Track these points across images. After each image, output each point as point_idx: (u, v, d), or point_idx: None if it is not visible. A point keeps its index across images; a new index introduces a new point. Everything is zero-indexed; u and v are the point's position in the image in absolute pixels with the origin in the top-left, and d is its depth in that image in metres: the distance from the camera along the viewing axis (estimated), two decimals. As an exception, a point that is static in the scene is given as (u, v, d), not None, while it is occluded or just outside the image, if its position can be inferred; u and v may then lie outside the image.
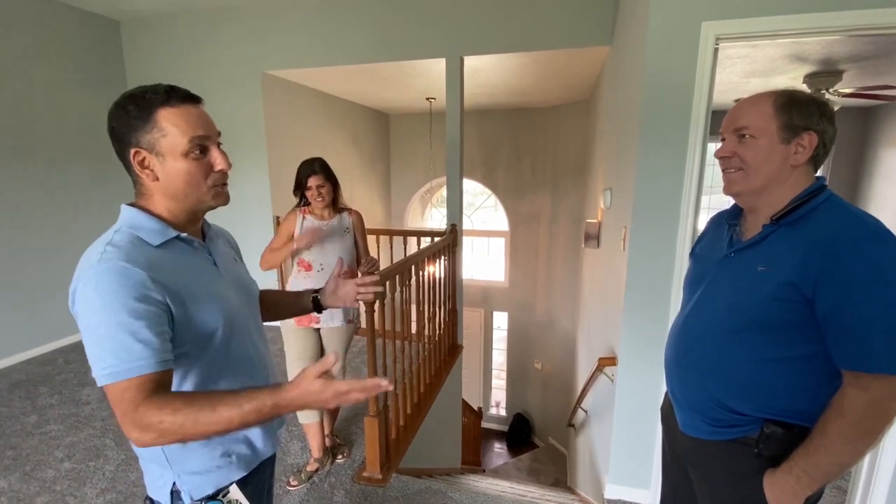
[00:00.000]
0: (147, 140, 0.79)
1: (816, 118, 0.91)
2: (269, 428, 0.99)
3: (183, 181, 0.82)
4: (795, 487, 0.89)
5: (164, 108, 0.79)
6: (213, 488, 0.90)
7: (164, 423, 0.72)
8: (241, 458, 0.93)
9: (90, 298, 0.73)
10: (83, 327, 0.74)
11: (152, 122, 0.79)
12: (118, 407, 0.73)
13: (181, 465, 0.87)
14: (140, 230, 0.81)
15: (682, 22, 1.77)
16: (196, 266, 0.88)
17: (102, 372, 0.72)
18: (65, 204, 3.58)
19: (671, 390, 1.14)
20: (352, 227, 2.15)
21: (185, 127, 0.80)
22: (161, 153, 0.80)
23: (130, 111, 0.79)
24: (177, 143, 0.80)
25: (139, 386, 0.73)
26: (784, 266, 0.88)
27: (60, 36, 3.51)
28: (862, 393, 0.82)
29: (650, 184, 1.92)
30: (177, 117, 0.80)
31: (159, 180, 0.82)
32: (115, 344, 0.72)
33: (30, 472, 2.17)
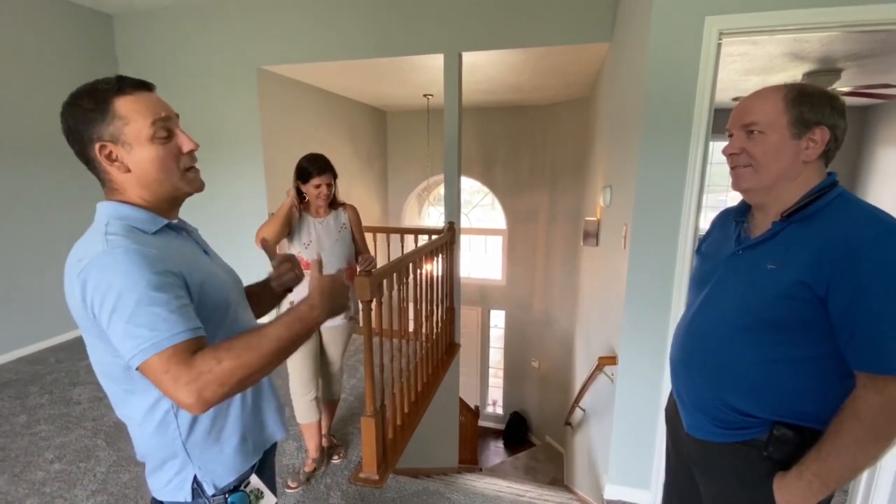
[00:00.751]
0: (109, 132, 0.78)
1: (828, 112, 0.88)
2: (278, 410, 1.02)
3: (155, 168, 0.81)
4: (807, 492, 0.86)
5: (120, 96, 0.78)
6: (234, 475, 0.91)
7: (224, 362, 0.71)
8: (257, 443, 0.96)
9: (110, 281, 0.71)
10: (107, 311, 0.71)
11: (110, 112, 0.77)
12: (166, 375, 0.70)
13: (202, 456, 0.87)
14: (130, 220, 0.80)
15: (685, 17, 1.74)
16: (190, 250, 0.89)
17: (143, 345, 0.70)
18: (54, 201, 3.53)
19: (677, 391, 1.12)
20: (348, 223, 2.11)
21: (144, 111, 0.79)
22: (127, 142, 0.79)
23: (85, 105, 0.77)
24: (140, 128, 0.79)
25: (184, 350, 0.72)
26: (795, 264, 0.86)
27: (51, 30, 3.45)
28: (876, 395, 0.79)
29: (652, 181, 1.89)
30: (134, 103, 0.79)
31: (131, 171, 0.80)
32: (149, 318, 0.71)
33: (19, 473, 2.12)
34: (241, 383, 0.74)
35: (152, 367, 0.71)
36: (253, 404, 0.95)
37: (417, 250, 2.60)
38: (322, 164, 1.95)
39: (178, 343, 0.71)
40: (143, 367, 0.72)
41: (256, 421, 0.96)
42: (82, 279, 0.73)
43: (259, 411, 0.97)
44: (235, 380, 0.72)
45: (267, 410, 0.99)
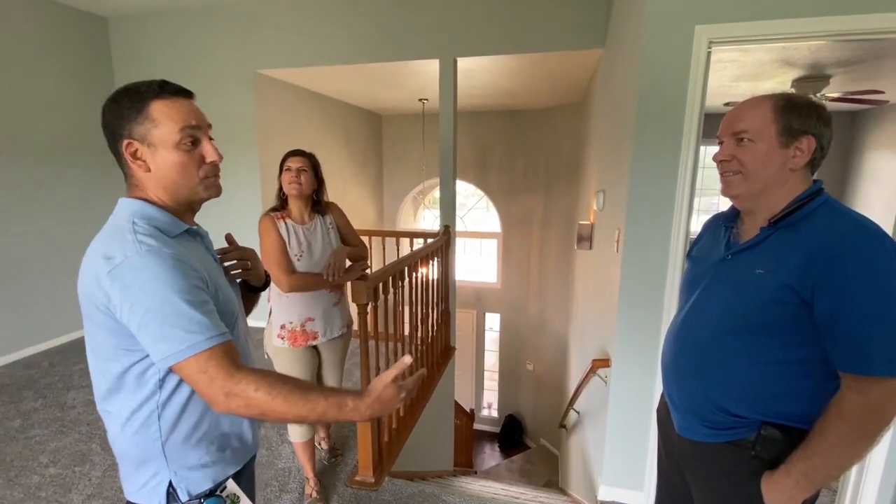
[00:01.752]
0: (139, 131, 0.81)
1: (814, 122, 0.91)
2: (255, 425, 1.02)
3: (175, 172, 0.83)
4: (793, 490, 0.89)
5: (157, 100, 0.82)
6: (210, 483, 0.91)
7: (259, 393, 0.76)
8: (236, 452, 0.96)
9: (144, 284, 0.74)
10: (140, 312, 0.74)
11: (145, 113, 0.81)
12: (204, 375, 0.76)
13: (179, 461, 0.87)
14: (155, 221, 0.83)
15: (675, 25, 1.78)
16: (206, 257, 0.91)
17: (179, 347, 0.75)
18: (50, 204, 3.51)
19: (668, 393, 1.14)
20: (334, 222, 1.99)
21: (176, 118, 0.82)
22: (153, 144, 0.82)
23: (124, 103, 0.81)
24: (168, 133, 0.82)
25: (223, 354, 0.77)
26: (782, 269, 0.89)
27: (47, 33, 3.44)
28: (860, 396, 0.82)
29: (644, 186, 1.93)
30: (168, 109, 0.82)
31: (151, 171, 0.83)
32: (186, 321, 0.75)
33: (14, 477, 2.11)
34: (261, 416, 0.78)
35: (189, 367, 0.76)
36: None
37: (413, 254, 2.61)
38: (297, 150, 1.86)
39: (215, 346, 0.76)
40: (179, 367, 0.77)
41: (237, 430, 0.96)
42: (113, 277, 0.75)
43: (240, 422, 0.96)
44: (257, 412, 0.77)
45: (245, 421, 0.99)
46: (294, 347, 1.87)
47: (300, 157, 1.85)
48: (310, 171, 1.86)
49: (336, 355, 2.03)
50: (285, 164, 1.85)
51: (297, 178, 1.82)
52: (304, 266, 1.85)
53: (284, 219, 1.85)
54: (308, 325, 1.88)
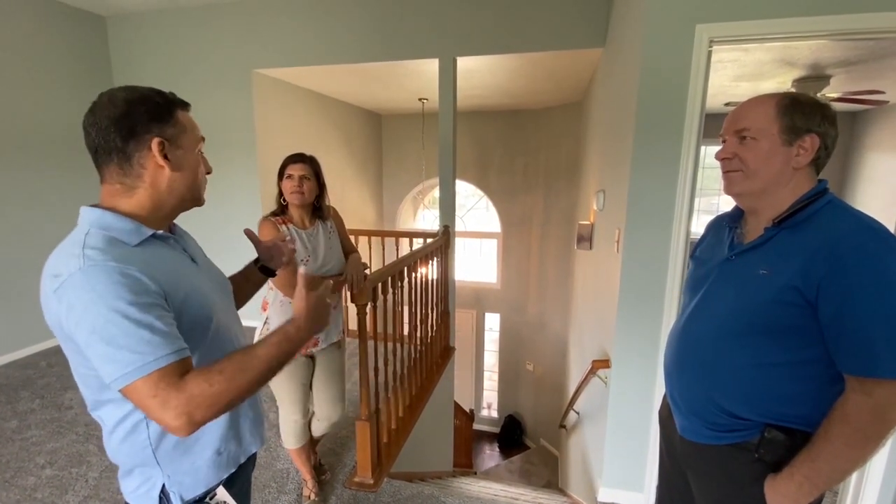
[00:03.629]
0: (170, 132, 0.83)
1: (818, 120, 0.90)
2: (255, 422, 1.01)
3: (194, 173, 0.88)
4: (797, 493, 0.88)
5: (181, 109, 0.87)
6: (204, 487, 0.90)
7: (215, 385, 0.72)
8: (230, 455, 0.95)
9: (89, 302, 0.69)
10: (85, 332, 0.70)
11: (174, 118, 0.84)
12: (154, 400, 0.70)
13: (172, 465, 0.86)
14: (112, 230, 0.78)
15: (676, 25, 1.77)
16: (175, 262, 0.86)
17: (125, 369, 0.69)
18: (44, 204, 3.49)
19: (670, 394, 1.13)
20: (334, 226, 1.97)
21: (195, 128, 0.89)
22: (181, 146, 0.85)
23: (159, 103, 0.82)
24: (192, 141, 0.88)
25: (172, 373, 0.71)
26: (786, 269, 0.87)
27: (44, 31, 3.43)
28: (865, 398, 0.81)
29: (644, 185, 1.92)
30: (188, 119, 0.88)
31: (176, 171, 0.84)
32: (133, 340, 0.70)
33: (10, 479, 2.10)
34: (231, 404, 0.75)
35: (137, 391, 0.70)
36: (230, 417, 0.93)
37: (412, 254, 2.60)
38: (298, 155, 1.79)
39: (165, 366, 0.71)
40: (127, 391, 0.71)
41: (233, 433, 0.94)
42: (59, 297, 0.71)
43: (236, 424, 0.95)
44: (225, 402, 0.74)
45: (244, 422, 0.97)
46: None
47: (302, 164, 1.78)
48: (312, 179, 1.80)
49: (333, 366, 1.96)
50: (286, 171, 1.78)
51: (299, 188, 1.76)
52: (310, 270, 1.78)
53: (286, 223, 1.80)
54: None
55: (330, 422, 2.00)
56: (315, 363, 1.93)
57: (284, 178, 1.79)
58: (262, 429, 1.04)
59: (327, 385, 1.95)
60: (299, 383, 1.86)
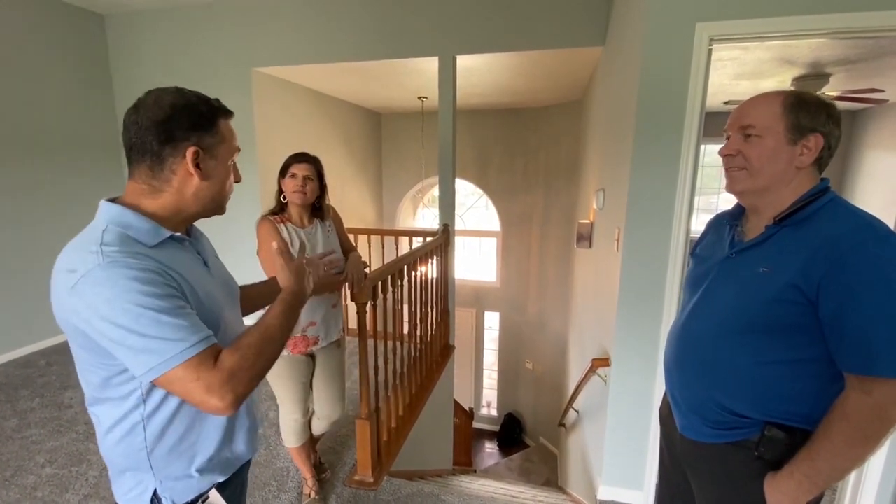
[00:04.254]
0: (208, 142, 0.84)
1: (823, 120, 0.90)
2: (250, 430, 1.00)
3: (221, 185, 0.89)
4: (797, 491, 0.88)
5: (223, 118, 0.87)
6: (195, 493, 0.89)
7: (248, 359, 0.77)
8: (222, 462, 0.94)
9: (113, 297, 0.70)
10: (114, 328, 0.70)
11: (216, 127, 0.85)
12: (197, 383, 0.72)
13: (166, 470, 0.86)
14: (130, 229, 0.78)
15: (676, 23, 1.77)
16: (190, 265, 0.86)
17: (162, 358, 0.71)
18: (47, 202, 3.49)
19: (670, 392, 1.13)
20: (332, 225, 1.97)
21: (233, 138, 0.90)
22: (216, 156, 0.85)
23: (203, 112, 0.83)
24: (229, 151, 0.88)
25: (209, 356, 0.74)
26: (787, 268, 0.87)
27: (42, 29, 3.42)
28: (865, 397, 0.81)
29: (644, 184, 1.92)
30: (229, 129, 0.89)
31: (205, 180, 0.85)
32: (166, 329, 0.71)
33: (10, 477, 2.10)
34: (263, 373, 0.80)
35: (179, 378, 0.72)
36: (227, 424, 0.93)
37: (412, 253, 2.60)
38: (303, 154, 1.78)
39: (202, 351, 0.73)
40: (167, 378, 0.72)
41: (227, 439, 0.94)
42: (77, 293, 0.71)
43: (231, 430, 0.95)
44: (259, 372, 0.79)
45: (239, 430, 0.97)
46: (293, 355, 1.82)
47: (306, 164, 1.77)
48: (315, 180, 1.80)
49: (333, 364, 1.96)
50: (290, 169, 1.77)
51: (302, 188, 1.76)
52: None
53: (284, 222, 1.79)
54: (310, 330, 1.83)
55: (330, 420, 2.00)
56: (315, 362, 1.93)
57: (287, 176, 1.78)
58: (257, 437, 1.04)
59: (327, 384, 1.96)
60: (299, 382, 1.87)
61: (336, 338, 1.95)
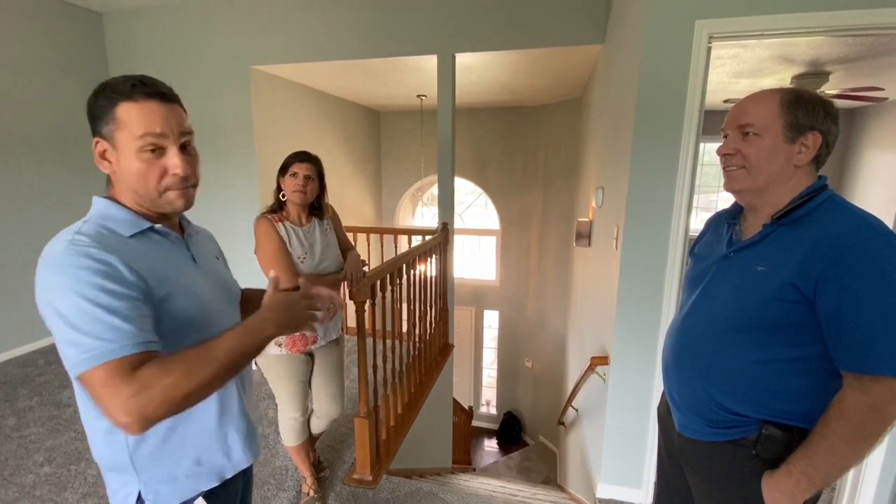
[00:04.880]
0: (106, 131, 0.78)
1: (822, 118, 0.90)
2: (248, 435, 0.96)
3: (134, 178, 0.80)
4: (794, 490, 0.88)
5: (126, 101, 0.77)
6: (179, 499, 0.86)
7: (171, 376, 0.67)
8: (213, 468, 0.90)
9: (59, 284, 0.68)
10: (54, 314, 0.68)
11: (112, 114, 0.77)
12: (106, 389, 0.66)
13: (149, 472, 0.84)
14: (109, 220, 0.80)
15: (675, 21, 1.76)
16: (170, 258, 0.85)
17: (84, 355, 0.66)
18: (45, 200, 3.49)
19: (668, 391, 1.13)
20: (331, 223, 1.97)
21: (140, 123, 0.77)
22: (116, 147, 0.79)
23: (99, 100, 0.78)
24: (129, 138, 0.77)
25: (130, 364, 0.67)
26: (784, 266, 0.87)
27: (41, 28, 3.41)
28: (863, 395, 0.81)
29: (643, 182, 1.91)
30: (135, 112, 0.77)
31: (116, 173, 0.81)
32: (97, 326, 0.67)
33: (8, 476, 2.10)
34: (187, 399, 0.69)
35: (92, 380, 0.67)
36: (218, 425, 0.89)
37: (411, 251, 2.60)
38: (304, 154, 1.78)
39: (125, 356, 0.67)
40: (83, 378, 0.68)
41: (218, 445, 0.90)
42: (38, 275, 0.71)
43: (223, 435, 0.90)
44: (180, 394, 0.67)
45: (232, 433, 0.92)
46: (292, 353, 1.81)
47: (308, 164, 1.77)
48: (316, 180, 1.80)
49: (332, 363, 1.95)
50: (291, 168, 1.77)
51: (303, 187, 1.76)
52: (308, 268, 1.80)
53: (283, 221, 1.79)
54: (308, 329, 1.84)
55: (329, 419, 2.00)
56: (314, 360, 1.93)
57: (288, 175, 1.78)
58: (256, 443, 0.99)
59: (326, 382, 1.95)
60: (298, 381, 1.86)
61: (335, 336, 1.95)
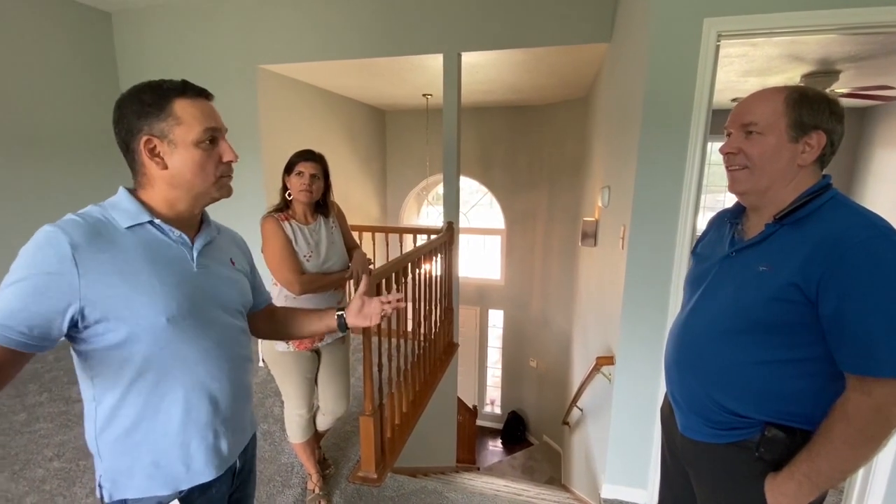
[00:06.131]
0: (160, 128, 0.82)
1: (826, 117, 0.89)
2: (212, 449, 0.91)
3: (191, 170, 0.84)
4: (797, 492, 0.87)
5: (181, 98, 0.83)
6: (137, 494, 0.86)
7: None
8: (170, 475, 0.87)
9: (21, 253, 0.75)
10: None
11: (168, 110, 0.82)
12: None
13: (109, 460, 0.86)
14: (115, 209, 0.83)
15: (683, 18, 1.75)
16: (159, 255, 0.84)
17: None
18: (52, 198, 3.52)
19: (671, 392, 1.13)
20: (336, 221, 1.98)
21: (199, 117, 0.84)
22: (173, 141, 0.82)
23: (146, 99, 0.81)
24: (190, 131, 0.83)
25: None
26: (787, 266, 0.87)
27: (50, 27, 3.45)
28: (866, 397, 0.80)
29: (650, 182, 1.91)
30: (192, 108, 0.84)
31: (168, 169, 0.84)
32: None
33: (18, 471, 2.13)
34: None
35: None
36: (180, 431, 0.87)
37: (416, 250, 2.60)
38: (309, 152, 1.79)
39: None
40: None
41: (178, 451, 0.87)
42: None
43: (185, 442, 0.88)
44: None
45: (195, 443, 0.89)
46: (299, 350, 1.83)
47: (313, 163, 1.79)
48: (321, 179, 1.82)
49: (338, 360, 1.96)
50: (296, 167, 1.79)
51: (308, 186, 1.78)
52: (313, 266, 1.82)
53: (288, 220, 1.81)
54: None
55: (335, 416, 2.01)
56: (320, 358, 1.95)
57: (293, 174, 1.80)
58: (221, 459, 0.93)
59: (332, 380, 1.97)
60: (304, 377, 1.88)
61: (341, 335, 1.96)
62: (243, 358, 0.99)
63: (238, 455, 1.00)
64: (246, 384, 1.01)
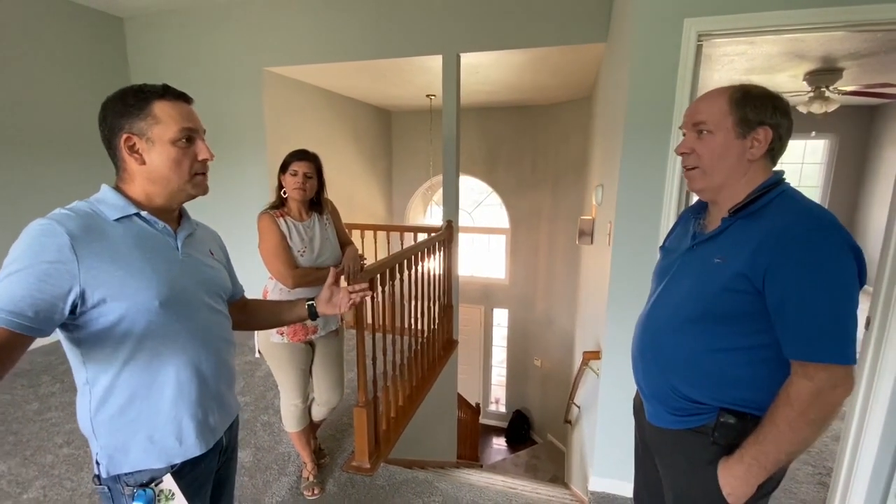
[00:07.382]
0: (139, 126, 0.88)
1: (770, 112, 0.93)
2: (202, 425, 0.98)
3: (167, 166, 0.91)
4: (747, 474, 0.91)
5: (160, 100, 0.90)
6: (131, 469, 0.91)
7: None
8: (164, 449, 0.93)
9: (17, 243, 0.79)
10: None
11: (147, 111, 0.88)
12: None
13: (105, 438, 0.90)
14: (102, 203, 0.89)
15: (663, 19, 1.78)
16: (147, 244, 0.91)
17: None
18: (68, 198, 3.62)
19: (637, 381, 1.17)
20: (330, 218, 2.03)
21: (177, 118, 0.90)
22: (151, 139, 0.89)
23: (128, 101, 0.88)
24: (167, 130, 0.89)
25: None
26: (737, 257, 0.91)
27: (64, 32, 3.58)
28: (807, 382, 0.84)
29: (634, 179, 1.94)
30: (171, 109, 0.90)
31: (145, 164, 0.90)
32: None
33: (30, 456, 2.24)
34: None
35: None
36: (172, 407, 0.93)
37: (411, 248, 2.66)
38: (303, 152, 1.85)
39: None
40: None
41: (171, 426, 0.93)
42: None
43: (177, 418, 0.93)
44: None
45: (186, 419, 0.95)
46: (293, 342, 1.89)
47: (306, 162, 1.85)
48: (315, 177, 1.88)
49: (332, 352, 2.03)
50: (290, 167, 1.85)
51: (302, 185, 1.84)
52: (307, 261, 1.89)
53: (284, 216, 1.88)
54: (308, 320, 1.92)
55: (329, 406, 2.08)
56: (314, 350, 2.02)
57: (288, 173, 1.86)
58: (210, 433, 1.01)
59: (326, 370, 2.03)
60: (299, 369, 1.95)
61: (334, 327, 2.03)
62: (226, 340, 1.06)
63: (224, 432, 1.07)
64: (230, 364, 1.08)
